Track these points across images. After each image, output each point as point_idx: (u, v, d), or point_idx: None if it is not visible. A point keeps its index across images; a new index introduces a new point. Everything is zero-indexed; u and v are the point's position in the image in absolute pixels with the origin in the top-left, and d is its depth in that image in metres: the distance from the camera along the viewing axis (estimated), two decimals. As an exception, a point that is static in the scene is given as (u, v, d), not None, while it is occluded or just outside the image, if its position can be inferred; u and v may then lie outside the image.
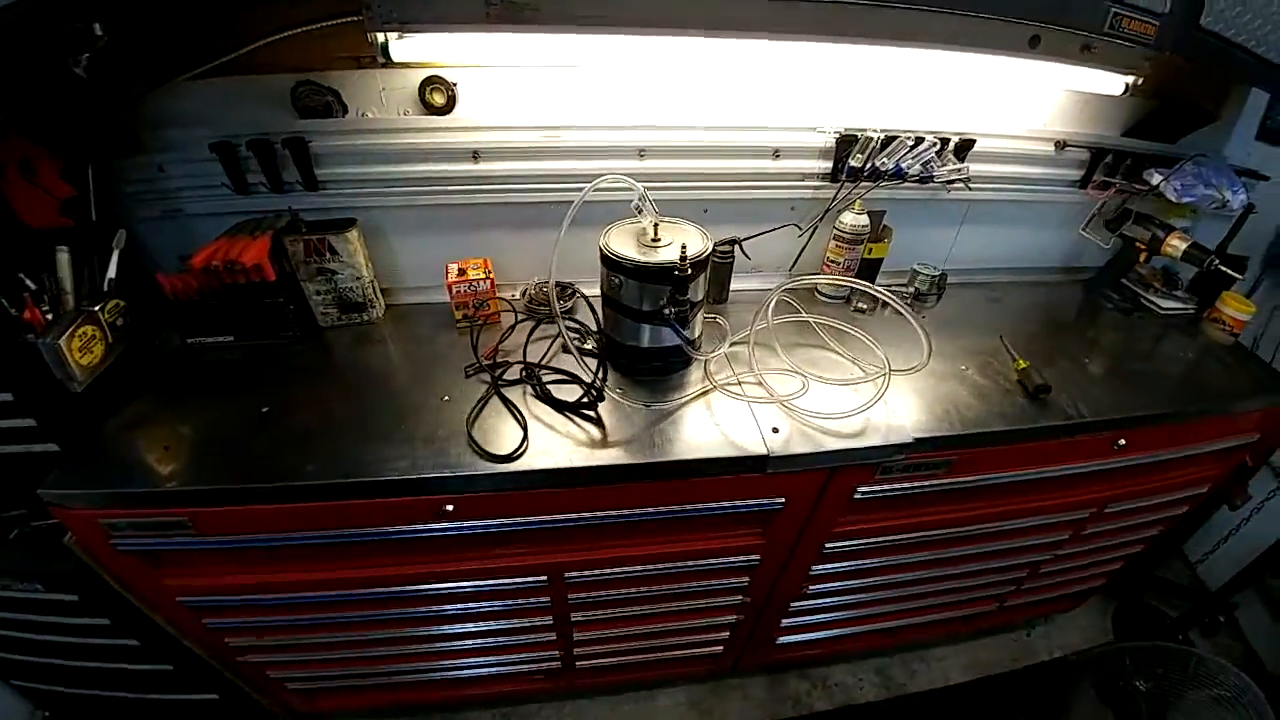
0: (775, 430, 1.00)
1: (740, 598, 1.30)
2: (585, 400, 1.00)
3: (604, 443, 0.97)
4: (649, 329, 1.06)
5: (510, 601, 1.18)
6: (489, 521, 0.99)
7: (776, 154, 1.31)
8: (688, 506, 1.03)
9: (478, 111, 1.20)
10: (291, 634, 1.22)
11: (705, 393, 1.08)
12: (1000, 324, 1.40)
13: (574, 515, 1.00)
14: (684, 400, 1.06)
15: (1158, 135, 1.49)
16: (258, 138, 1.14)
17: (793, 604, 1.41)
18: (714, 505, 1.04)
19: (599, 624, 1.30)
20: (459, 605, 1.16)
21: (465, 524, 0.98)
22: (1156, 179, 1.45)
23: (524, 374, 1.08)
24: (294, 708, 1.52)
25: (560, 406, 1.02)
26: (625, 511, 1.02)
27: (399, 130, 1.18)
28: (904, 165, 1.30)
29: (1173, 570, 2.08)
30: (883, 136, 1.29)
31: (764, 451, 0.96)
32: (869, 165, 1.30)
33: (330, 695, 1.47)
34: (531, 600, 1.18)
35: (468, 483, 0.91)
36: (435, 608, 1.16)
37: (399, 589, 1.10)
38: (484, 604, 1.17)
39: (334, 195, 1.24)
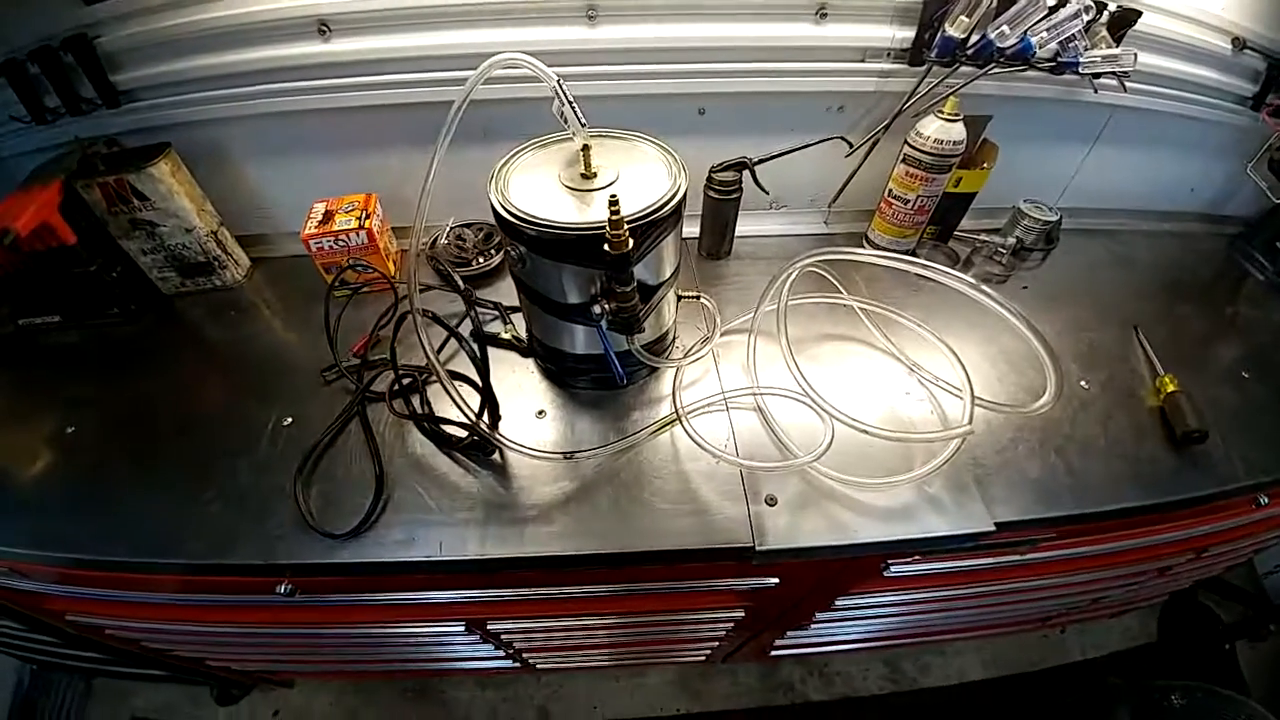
0: (771, 502, 0.64)
1: (722, 636, 1.05)
2: (472, 441, 0.65)
3: (502, 510, 0.64)
4: (582, 330, 0.67)
5: (430, 638, 0.95)
6: (345, 597, 0.72)
7: (822, 12, 0.79)
8: (630, 585, 0.73)
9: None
10: (204, 647, 1.05)
11: (668, 424, 0.71)
12: (1133, 300, 0.94)
13: (465, 592, 0.71)
14: (631, 439, 0.69)
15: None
16: (39, 45, 0.76)
17: (791, 632, 1.16)
18: (669, 585, 0.73)
19: (547, 650, 1.09)
20: (371, 639, 0.95)
21: (317, 598, 0.71)
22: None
23: (399, 386, 0.72)
24: (255, 679, 1.44)
25: (443, 442, 0.68)
26: (539, 591, 0.72)
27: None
28: (1032, 40, 0.77)
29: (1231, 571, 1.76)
30: (1006, -14, 0.75)
31: (747, 541, 0.61)
32: (978, 37, 0.77)
33: (287, 672, 1.38)
34: (456, 638, 0.95)
35: (280, 568, 0.61)
36: (345, 640, 0.95)
37: (281, 631, 0.88)
38: (397, 640, 0.95)
39: (148, 111, 0.84)
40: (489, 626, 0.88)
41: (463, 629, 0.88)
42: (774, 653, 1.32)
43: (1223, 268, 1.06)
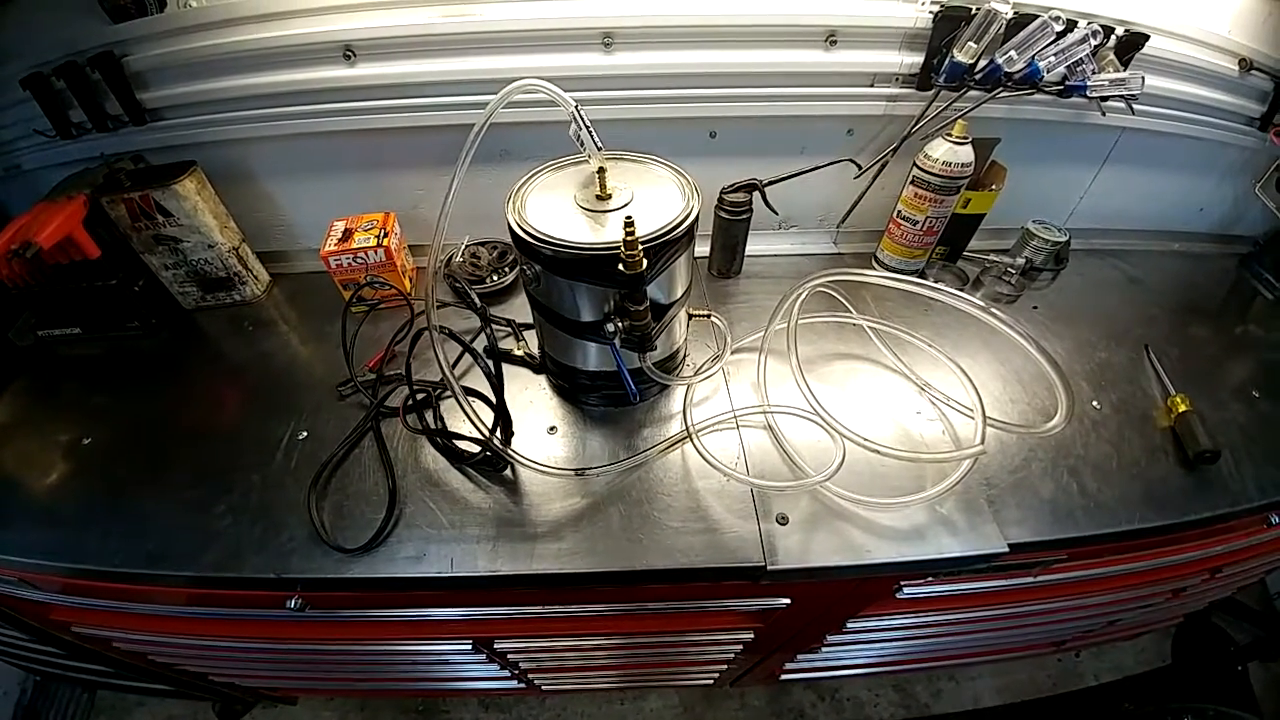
0: (782, 521, 0.64)
1: (731, 658, 1.03)
2: (485, 456, 0.66)
3: (512, 526, 0.64)
4: (594, 347, 0.68)
5: (437, 656, 0.94)
6: (356, 612, 0.72)
7: (832, 39, 0.81)
8: (639, 605, 0.72)
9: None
10: (210, 662, 1.05)
11: (678, 442, 0.71)
12: (1144, 321, 0.93)
13: (474, 609, 0.71)
14: (641, 456, 0.69)
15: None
16: (65, 61, 0.79)
17: (801, 655, 1.14)
18: (679, 604, 0.73)
19: (553, 669, 1.08)
20: (376, 657, 0.94)
21: (327, 612, 0.71)
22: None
23: (413, 402, 0.73)
24: (258, 696, 1.43)
25: (456, 458, 0.69)
26: (547, 609, 0.72)
27: (236, 21, 0.77)
28: (1040, 65, 0.79)
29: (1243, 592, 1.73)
30: (1012, 15, 0.76)
31: (759, 560, 0.61)
32: (986, 62, 0.79)
33: (291, 689, 1.37)
34: (463, 656, 0.94)
35: (291, 582, 0.62)
36: (351, 658, 0.95)
37: (289, 646, 0.87)
38: (404, 658, 0.95)
39: (173, 129, 0.87)
40: (496, 645, 0.88)
41: (469, 647, 0.87)
42: (784, 677, 1.30)
43: (1232, 287, 1.06)
